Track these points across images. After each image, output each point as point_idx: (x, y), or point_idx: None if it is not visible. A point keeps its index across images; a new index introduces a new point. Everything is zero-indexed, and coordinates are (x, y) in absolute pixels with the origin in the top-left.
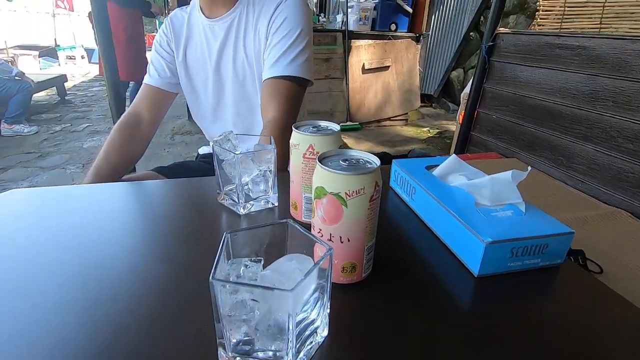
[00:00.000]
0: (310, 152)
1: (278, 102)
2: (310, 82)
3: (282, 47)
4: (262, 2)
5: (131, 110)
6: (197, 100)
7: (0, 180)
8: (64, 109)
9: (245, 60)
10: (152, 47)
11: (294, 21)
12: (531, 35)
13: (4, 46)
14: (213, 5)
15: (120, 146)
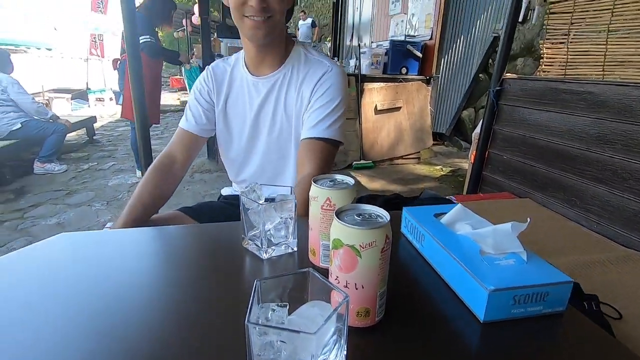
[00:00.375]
0: (328, 205)
1: (314, 160)
2: (342, 144)
3: (323, 112)
4: (308, 68)
5: (166, 153)
6: (230, 145)
7: (31, 217)
8: (91, 148)
9: (284, 116)
10: (192, 93)
11: (336, 90)
12: (537, 80)
13: (40, 90)
14: (260, 65)
15: (154, 187)
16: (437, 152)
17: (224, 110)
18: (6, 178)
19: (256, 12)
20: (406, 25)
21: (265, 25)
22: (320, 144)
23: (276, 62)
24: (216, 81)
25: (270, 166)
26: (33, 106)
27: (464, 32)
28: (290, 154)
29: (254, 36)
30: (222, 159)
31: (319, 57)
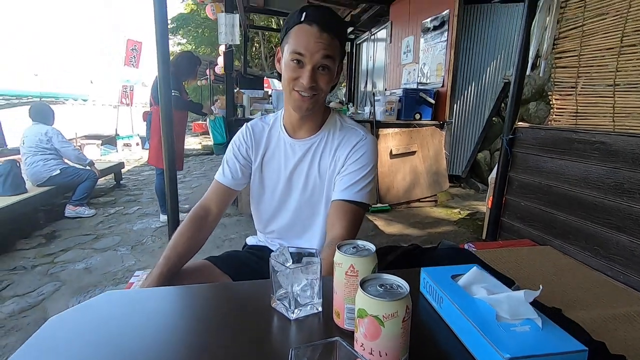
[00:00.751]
0: (351, 271)
1: (344, 222)
2: (370, 206)
3: (355, 176)
4: (343, 134)
5: (201, 204)
6: (262, 200)
7: (61, 262)
8: (118, 193)
9: (317, 177)
10: (230, 149)
11: (368, 158)
12: (549, 130)
13: (74, 136)
14: (298, 130)
15: (188, 237)
16: (454, 194)
17: (260, 167)
18: (40, 223)
19: (305, 89)
20: (418, 73)
21: (310, 101)
22: (351, 207)
23: (314, 128)
24: (255, 139)
25: (299, 222)
26: (74, 153)
27: (474, 78)
28: (320, 212)
29: (298, 108)
30: (252, 210)
31: (354, 125)
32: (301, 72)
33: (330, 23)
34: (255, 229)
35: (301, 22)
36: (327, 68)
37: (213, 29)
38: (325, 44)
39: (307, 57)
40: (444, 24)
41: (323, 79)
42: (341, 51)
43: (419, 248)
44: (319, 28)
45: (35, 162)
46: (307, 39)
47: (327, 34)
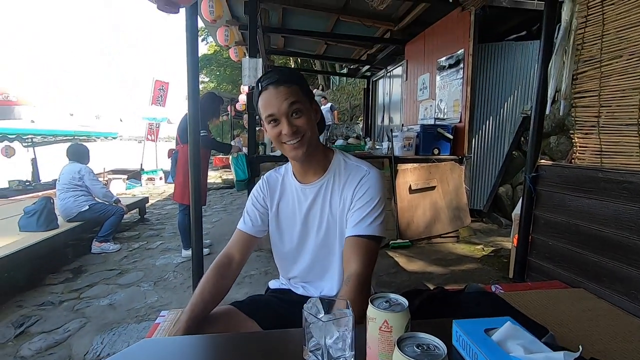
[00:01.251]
0: (385, 326)
1: (360, 256)
2: (384, 238)
3: (364, 211)
4: (348, 173)
5: (225, 253)
6: (281, 244)
7: (87, 297)
8: (142, 227)
9: (330, 217)
10: (249, 199)
11: (374, 191)
12: (573, 168)
13: (102, 171)
14: (306, 175)
15: (214, 285)
16: (476, 229)
17: (277, 214)
18: (68, 258)
19: (290, 137)
20: (435, 109)
21: (300, 144)
22: (364, 241)
23: (319, 171)
24: (270, 189)
25: (318, 263)
26: (102, 191)
27: (492, 113)
28: (336, 250)
29: (295, 156)
30: (274, 258)
31: (357, 162)
32: (280, 126)
33: (281, 78)
34: (277, 273)
35: (260, 92)
36: (299, 111)
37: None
38: (286, 94)
39: (277, 112)
40: (460, 62)
41: (300, 121)
42: (305, 93)
43: (444, 291)
44: (274, 86)
45: (67, 198)
46: (270, 100)
47: (282, 85)
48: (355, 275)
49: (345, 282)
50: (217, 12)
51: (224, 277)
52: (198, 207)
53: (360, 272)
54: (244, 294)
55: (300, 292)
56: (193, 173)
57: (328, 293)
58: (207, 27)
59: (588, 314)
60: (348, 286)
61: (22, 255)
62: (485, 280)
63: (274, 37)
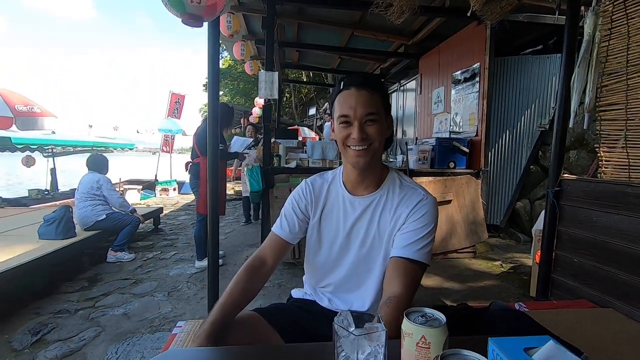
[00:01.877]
0: (423, 342)
1: (403, 281)
2: (428, 266)
3: (416, 235)
4: (403, 194)
5: (257, 255)
6: (319, 254)
7: (102, 306)
8: (156, 237)
9: (376, 234)
10: (289, 203)
11: (430, 217)
12: (599, 182)
13: (118, 181)
14: (359, 186)
15: (244, 286)
16: (493, 245)
17: (319, 222)
18: (84, 266)
19: (357, 142)
20: (450, 122)
21: (366, 153)
22: (410, 265)
23: (373, 185)
24: (314, 195)
25: (354, 277)
26: (119, 201)
27: (509, 127)
28: (376, 268)
29: (356, 163)
30: (305, 264)
31: (414, 185)
32: (350, 129)
33: (365, 82)
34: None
35: (341, 90)
36: (374, 120)
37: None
38: (365, 99)
39: (352, 115)
40: (475, 76)
41: (372, 129)
42: (383, 104)
43: (469, 308)
44: (356, 88)
45: (85, 207)
46: (348, 101)
47: (365, 90)
48: (397, 297)
49: (386, 303)
50: (235, 27)
51: (253, 279)
52: (215, 217)
53: (402, 296)
54: (257, 306)
55: (325, 305)
56: (211, 184)
57: (358, 307)
58: (223, 42)
59: (620, 335)
60: (389, 307)
61: (40, 263)
62: (505, 298)
63: (289, 51)
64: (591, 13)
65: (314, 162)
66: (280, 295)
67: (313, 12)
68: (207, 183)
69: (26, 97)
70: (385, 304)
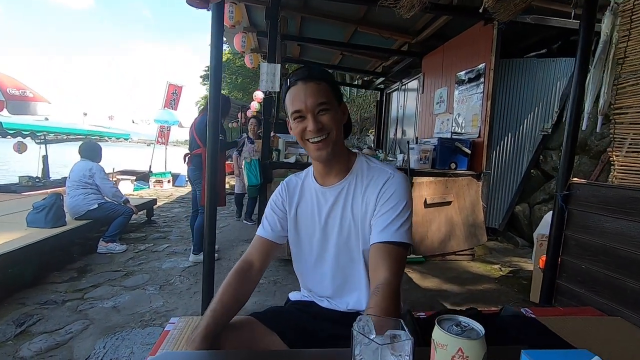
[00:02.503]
0: (460, 356)
1: (389, 264)
2: (411, 245)
3: (390, 216)
4: (371, 176)
5: (245, 259)
6: (300, 251)
7: (90, 298)
8: (149, 229)
9: (351, 221)
10: (268, 205)
11: (400, 194)
12: (612, 188)
13: (111, 171)
14: (327, 177)
15: (234, 291)
16: (491, 248)
17: (295, 217)
18: (73, 256)
19: (314, 133)
20: (452, 123)
21: (325, 143)
22: (392, 248)
23: (341, 173)
24: (289, 192)
25: (340, 272)
26: (112, 190)
27: (511, 130)
28: (359, 257)
29: (319, 156)
30: (294, 268)
31: (381, 165)
32: (305, 122)
33: (310, 74)
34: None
35: (289, 88)
36: (326, 109)
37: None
38: (313, 91)
39: (304, 108)
40: (480, 77)
41: (326, 118)
42: (333, 92)
43: (479, 314)
44: (303, 82)
45: (76, 196)
46: (297, 95)
47: (312, 82)
48: (384, 284)
49: (374, 292)
50: (237, 17)
51: (243, 283)
52: (213, 210)
53: (390, 281)
54: (252, 302)
55: (325, 305)
56: (210, 175)
57: (355, 307)
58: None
59: (631, 345)
60: (378, 296)
61: (28, 251)
62: (505, 302)
63: (290, 45)
64: (609, 13)
65: None
66: (275, 292)
67: (317, 5)
68: (207, 174)
69: (19, 81)
70: (374, 293)
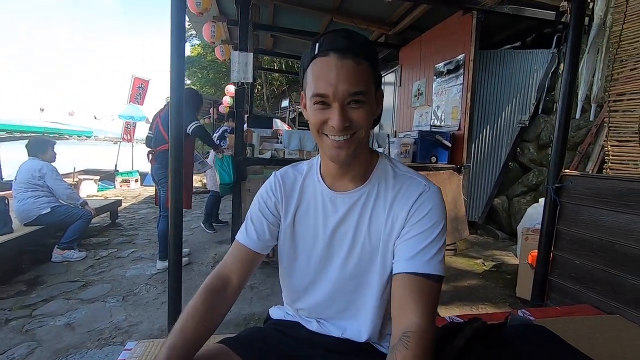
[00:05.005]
0: None
1: (421, 305)
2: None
3: (423, 240)
4: (399, 186)
5: (219, 273)
6: (294, 267)
7: (40, 315)
8: (112, 233)
9: (367, 240)
10: (255, 203)
11: (437, 215)
12: (606, 179)
13: (72, 171)
14: (340, 181)
15: (201, 319)
16: (472, 242)
17: (292, 226)
18: (22, 267)
19: (339, 132)
20: (431, 116)
21: (348, 143)
22: (425, 282)
23: (360, 177)
24: (285, 191)
25: (341, 297)
26: (66, 192)
27: (489, 122)
28: (371, 284)
29: (336, 157)
30: (280, 279)
31: (411, 173)
32: (328, 113)
33: (350, 45)
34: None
35: (316, 56)
36: (360, 102)
37: (218, 71)
38: (350, 72)
39: (331, 95)
40: (459, 68)
41: (358, 114)
42: (374, 76)
43: (486, 325)
44: (338, 55)
45: (25, 199)
46: (326, 73)
47: (350, 59)
48: (419, 332)
49: (403, 343)
50: (205, 4)
51: (214, 306)
52: (179, 214)
53: (424, 329)
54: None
55: (313, 328)
56: (174, 176)
57: (353, 336)
58: (192, 24)
59: (634, 345)
60: (410, 350)
61: None
62: (492, 299)
63: (263, 36)
64: None
65: (290, 152)
66: (252, 299)
67: None
68: (170, 173)
69: None
70: (402, 343)
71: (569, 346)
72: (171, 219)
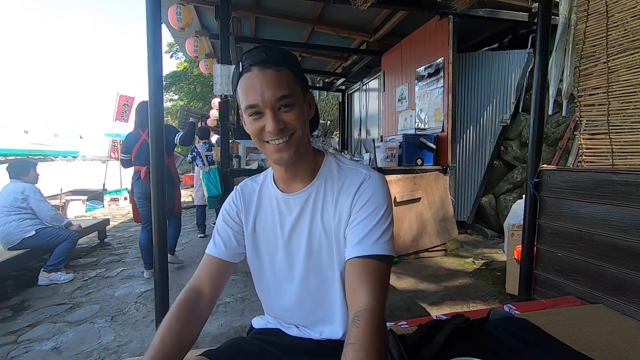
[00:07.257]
0: None
1: (369, 285)
2: (394, 258)
3: (367, 224)
4: (343, 178)
5: (191, 286)
6: (261, 272)
7: (26, 341)
8: (101, 252)
9: (322, 234)
10: (220, 216)
11: (379, 198)
12: (582, 172)
13: (58, 192)
14: (290, 183)
15: (178, 332)
16: (462, 241)
17: (254, 231)
18: (7, 292)
19: (275, 135)
20: (415, 119)
21: (288, 145)
22: (372, 263)
23: (307, 177)
24: (244, 201)
25: (309, 295)
26: (50, 214)
27: (472, 123)
28: (333, 277)
29: (280, 159)
30: (256, 289)
31: (353, 165)
32: (263, 120)
33: (268, 57)
34: (257, 299)
35: (241, 74)
36: (289, 104)
37: (204, 85)
38: (273, 80)
39: (261, 103)
40: (439, 71)
41: (290, 116)
42: (298, 79)
43: (467, 320)
44: (259, 67)
45: (8, 223)
46: (252, 85)
47: (270, 69)
48: (366, 311)
49: (354, 322)
50: (186, 19)
51: (189, 318)
52: (162, 226)
53: (372, 307)
54: (217, 325)
55: (294, 334)
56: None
57: (331, 335)
58: (175, 39)
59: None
60: (359, 328)
61: None
62: (483, 297)
63: (246, 48)
64: None
65: None
66: (244, 311)
67: (271, 4)
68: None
69: None
70: (355, 324)
71: (548, 335)
72: (155, 236)
